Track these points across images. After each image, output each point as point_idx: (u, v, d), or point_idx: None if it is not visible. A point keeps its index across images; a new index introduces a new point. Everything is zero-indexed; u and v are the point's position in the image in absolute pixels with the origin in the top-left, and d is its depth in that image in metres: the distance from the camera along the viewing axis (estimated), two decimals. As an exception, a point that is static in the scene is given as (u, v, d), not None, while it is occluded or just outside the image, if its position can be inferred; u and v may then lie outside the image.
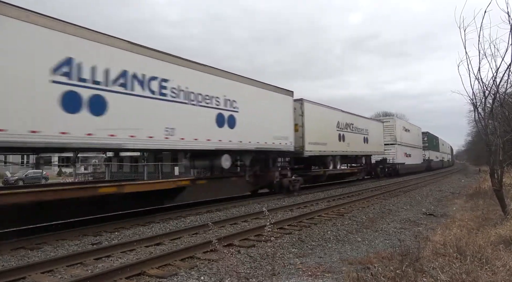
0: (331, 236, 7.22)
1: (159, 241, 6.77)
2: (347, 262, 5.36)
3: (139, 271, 4.89)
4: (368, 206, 11.68)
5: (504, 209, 7.74)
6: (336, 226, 8.20)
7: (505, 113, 9.57)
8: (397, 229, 7.88)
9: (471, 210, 9.68)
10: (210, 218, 9.51)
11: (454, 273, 3.90)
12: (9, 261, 5.67)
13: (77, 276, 4.71)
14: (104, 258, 5.72)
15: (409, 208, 11.33)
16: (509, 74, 7.51)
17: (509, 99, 11.11)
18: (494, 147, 7.87)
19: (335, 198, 13.96)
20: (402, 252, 4.78)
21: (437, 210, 10.65)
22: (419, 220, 8.96)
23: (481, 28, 7.07)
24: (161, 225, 8.59)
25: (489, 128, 8.37)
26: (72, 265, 5.31)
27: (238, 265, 5.24)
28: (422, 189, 18.29)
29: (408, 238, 6.77)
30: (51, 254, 6.08)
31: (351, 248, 6.31)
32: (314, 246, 6.48)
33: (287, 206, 11.60)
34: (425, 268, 4.30)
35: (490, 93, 8.06)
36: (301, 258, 5.64)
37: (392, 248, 5.90)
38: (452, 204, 11.89)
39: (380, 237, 7.14)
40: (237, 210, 10.96)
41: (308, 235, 7.22)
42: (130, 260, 5.58)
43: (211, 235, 7.42)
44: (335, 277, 4.65)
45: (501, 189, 8.02)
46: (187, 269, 5.05)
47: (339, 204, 11.68)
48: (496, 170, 7.98)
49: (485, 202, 10.54)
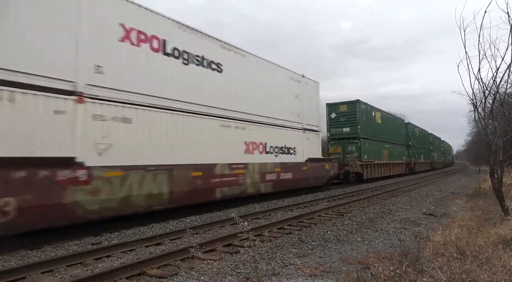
0: (331, 236, 7.22)
1: (159, 241, 6.77)
2: (347, 262, 5.36)
3: (139, 271, 4.89)
4: (368, 206, 11.68)
5: (504, 209, 7.74)
6: (336, 226, 8.20)
7: (505, 113, 9.56)
8: (397, 229, 7.88)
9: (471, 210, 9.68)
10: (210, 218, 9.52)
11: (454, 273, 3.90)
12: (9, 261, 5.67)
13: (77, 276, 4.71)
14: (104, 258, 5.72)
15: (409, 208, 11.33)
16: (509, 74, 7.51)
17: (509, 99, 11.11)
18: (494, 147, 7.87)
19: (335, 198, 13.96)
20: (402, 252, 4.78)
21: (437, 210, 10.65)
22: (419, 220, 8.95)
23: (481, 28, 7.08)
24: (161, 225, 8.59)
25: (489, 128, 8.37)
26: (72, 265, 5.31)
27: (238, 265, 5.24)
28: (422, 189, 18.29)
29: (408, 238, 6.77)
30: (51, 254, 6.08)
31: (351, 248, 6.31)
32: (314, 246, 6.48)
33: (287, 206, 11.60)
34: (425, 268, 4.30)
35: (490, 93, 8.06)
36: (301, 258, 5.64)
37: (392, 248, 5.90)
38: (452, 204, 11.89)
39: (380, 237, 7.14)
40: (237, 210, 10.95)
41: (308, 235, 7.22)
42: (130, 260, 5.57)
43: (211, 235, 7.42)
44: (335, 277, 4.65)
45: (501, 189, 8.03)
46: (187, 269, 5.05)
47: (339, 204, 11.69)
48: (496, 170, 7.98)
49: (485, 202, 10.55)
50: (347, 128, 22.27)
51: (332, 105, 22.97)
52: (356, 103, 22.34)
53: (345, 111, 22.43)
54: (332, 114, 22.93)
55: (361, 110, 22.55)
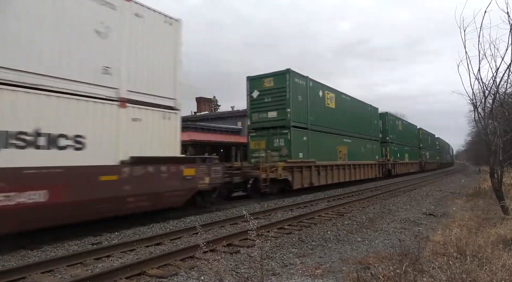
0: (331, 236, 7.22)
1: (159, 241, 6.77)
2: (347, 262, 5.36)
3: (139, 271, 4.89)
4: (368, 206, 11.68)
5: (504, 209, 7.75)
6: (336, 226, 8.20)
7: (505, 113, 9.57)
8: (397, 229, 7.88)
9: (471, 210, 9.69)
10: (210, 218, 9.52)
11: (454, 273, 3.90)
12: (9, 261, 5.67)
13: (77, 276, 4.71)
14: (104, 258, 5.72)
15: (409, 208, 11.33)
16: (509, 74, 7.52)
17: (509, 99, 11.12)
18: (494, 147, 7.88)
19: (335, 198, 13.97)
20: (402, 252, 4.77)
21: (437, 210, 10.65)
22: (419, 220, 8.95)
23: (481, 28, 7.09)
24: (161, 225, 8.59)
25: (489, 128, 8.38)
26: (72, 265, 5.31)
27: (237, 265, 5.25)
28: (422, 189, 18.29)
29: (408, 238, 6.77)
30: (51, 254, 6.08)
31: (351, 248, 6.31)
32: (314, 246, 6.48)
33: (287, 206, 11.60)
34: (425, 268, 4.31)
35: (490, 93, 8.07)
36: (301, 258, 5.65)
37: (392, 248, 5.89)
38: (452, 204, 11.89)
39: (380, 237, 7.14)
40: (237, 210, 10.95)
41: (308, 235, 7.22)
42: (130, 260, 5.58)
43: (211, 235, 7.42)
44: (335, 277, 4.65)
45: (501, 189, 8.04)
46: (187, 269, 5.05)
47: (339, 204, 11.69)
48: (496, 170, 7.99)
49: (485, 202, 10.55)
50: (273, 112, 15.12)
51: (255, 78, 15.82)
52: (285, 74, 14.90)
53: (271, 88, 15.20)
54: (254, 93, 15.67)
55: (294, 85, 15.14)
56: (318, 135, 16.89)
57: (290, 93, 14.80)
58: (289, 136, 14.70)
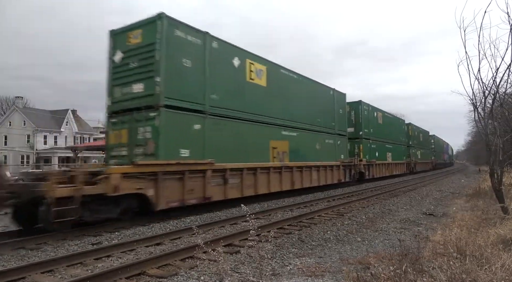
0: (331, 236, 7.22)
1: (159, 241, 6.77)
2: (347, 262, 5.36)
3: (139, 271, 4.89)
4: (368, 206, 11.69)
5: (503, 209, 7.74)
6: (336, 226, 8.20)
7: (505, 113, 9.57)
8: (397, 229, 7.88)
9: (471, 210, 9.68)
10: (210, 218, 9.52)
11: (454, 273, 3.90)
12: (9, 261, 5.67)
13: (77, 276, 4.71)
14: (104, 258, 5.72)
15: (409, 208, 11.33)
16: (509, 74, 7.52)
17: (509, 99, 11.11)
18: (494, 147, 7.88)
19: (335, 198, 13.97)
20: (402, 252, 4.78)
21: (437, 210, 10.65)
22: (419, 220, 8.96)
23: (481, 28, 7.09)
24: (161, 225, 8.59)
25: (489, 128, 8.38)
26: (72, 265, 5.31)
27: (237, 265, 5.25)
28: (422, 189, 18.30)
29: (408, 238, 6.78)
30: (51, 254, 6.08)
31: (351, 248, 6.31)
32: (314, 246, 6.48)
33: (287, 206, 11.61)
34: (425, 268, 4.31)
35: (490, 93, 8.07)
36: (301, 258, 5.65)
37: (392, 248, 5.90)
38: (452, 204, 11.90)
39: (380, 237, 7.14)
40: (237, 210, 10.95)
41: (308, 235, 7.23)
42: (130, 260, 5.58)
43: (211, 235, 7.42)
44: (335, 277, 4.65)
45: (500, 189, 8.03)
46: (187, 269, 5.05)
47: (339, 204, 11.70)
48: (496, 170, 7.99)
49: (485, 202, 10.54)
50: (140, 84, 9.61)
51: (119, 33, 10.27)
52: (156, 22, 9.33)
53: (139, 46, 9.69)
54: (116, 55, 10.20)
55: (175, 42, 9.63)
56: (227, 123, 11.27)
57: (162, 52, 9.23)
58: (158, 122, 9.12)
